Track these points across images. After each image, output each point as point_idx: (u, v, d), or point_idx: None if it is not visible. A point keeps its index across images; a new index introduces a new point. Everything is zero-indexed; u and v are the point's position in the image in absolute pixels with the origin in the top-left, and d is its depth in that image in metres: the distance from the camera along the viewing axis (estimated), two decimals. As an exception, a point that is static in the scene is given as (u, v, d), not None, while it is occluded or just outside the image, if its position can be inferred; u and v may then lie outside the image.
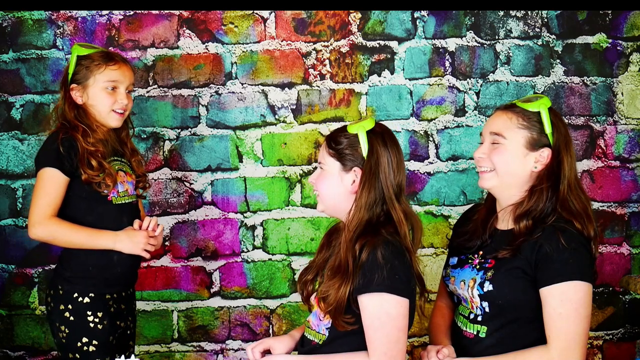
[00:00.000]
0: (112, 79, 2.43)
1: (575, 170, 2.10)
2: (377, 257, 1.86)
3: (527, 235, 2.01)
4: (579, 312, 1.96)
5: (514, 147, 2.04)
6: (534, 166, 2.04)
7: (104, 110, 2.43)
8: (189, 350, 3.15)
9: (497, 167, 2.05)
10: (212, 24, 3.09)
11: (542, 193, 2.03)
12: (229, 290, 3.15)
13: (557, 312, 1.95)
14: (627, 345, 3.17)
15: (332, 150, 2.01)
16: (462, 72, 3.13)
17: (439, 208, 3.14)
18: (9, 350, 3.11)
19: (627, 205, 3.16)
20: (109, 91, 2.43)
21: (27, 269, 3.10)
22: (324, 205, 2.05)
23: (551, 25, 3.13)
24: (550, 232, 1.99)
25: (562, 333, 1.95)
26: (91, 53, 2.45)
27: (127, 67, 2.49)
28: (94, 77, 2.42)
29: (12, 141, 3.08)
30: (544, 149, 2.04)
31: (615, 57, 3.13)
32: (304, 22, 3.11)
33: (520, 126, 2.04)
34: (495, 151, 2.06)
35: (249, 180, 3.13)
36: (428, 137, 3.14)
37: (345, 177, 1.98)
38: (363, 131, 1.98)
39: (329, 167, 2.02)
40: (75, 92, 2.44)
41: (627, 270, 3.16)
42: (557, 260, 1.96)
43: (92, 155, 2.36)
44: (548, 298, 1.96)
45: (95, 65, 2.42)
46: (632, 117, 3.14)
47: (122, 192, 2.46)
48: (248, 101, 3.11)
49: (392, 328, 1.87)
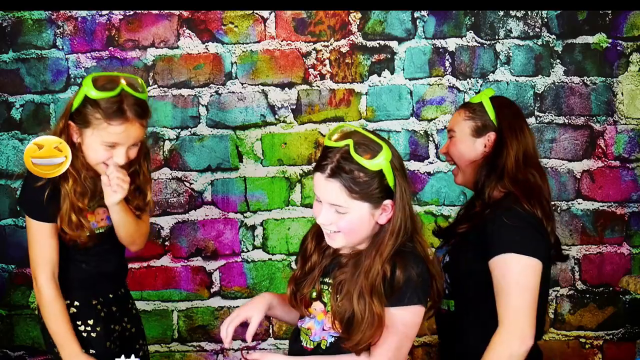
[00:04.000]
0: (112, 141, 2.12)
1: (531, 150, 2.23)
2: (411, 275, 1.86)
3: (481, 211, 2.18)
4: (520, 284, 2.02)
5: (463, 137, 2.25)
6: (484, 150, 2.24)
7: (94, 161, 2.17)
8: (189, 350, 3.15)
9: (454, 158, 2.29)
10: (212, 24, 3.09)
11: (479, 167, 2.22)
12: (229, 290, 3.15)
13: (500, 287, 2.03)
14: (628, 345, 3.17)
15: (355, 194, 1.87)
16: (462, 72, 3.13)
17: (439, 208, 3.14)
18: (9, 350, 3.11)
19: (627, 205, 3.16)
20: (107, 147, 2.13)
21: (27, 269, 3.07)
22: (349, 243, 1.93)
23: (551, 25, 3.13)
24: (496, 210, 2.12)
25: (507, 308, 2.02)
26: (100, 99, 2.09)
27: (135, 126, 2.13)
28: (92, 129, 2.11)
29: (12, 141, 3.08)
30: (490, 134, 2.23)
31: (615, 57, 3.13)
32: (304, 22, 3.11)
33: (466, 118, 2.26)
34: (451, 145, 2.29)
35: (249, 180, 3.13)
36: (428, 137, 3.14)
37: (376, 213, 1.89)
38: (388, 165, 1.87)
39: (355, 210, 1.88)
40: (73, 130, 2.16)
41: (627, 270, 3.16)
42: (497, 234, 2.07)
43: (74, 210, 2.17)
44: (493, 272, 2.06)
45: (97, 119, 2.10)
46: (632, 117, 3.14)
47: (97, 229, 2.27)
48: (248, 101, 3.11)
49: (403, 336, 1.88)
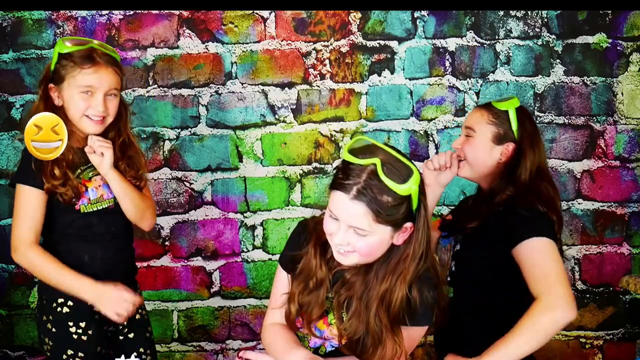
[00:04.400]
0: (87, 84, 2.19)
1: (545, 164, 2.32)
2: (427, 298, 1.83)
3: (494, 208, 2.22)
4: (551, 257, 2.08)
5: (483, 140, 2.28)
6: (500, 158, 2.27)
7: (76, 115, 2.21)
8: (189, 350, 3.15)
9: (468, 157, 2.30)
10: (212, 23, 3.09)
11: (493, 175, 2.28)
12: (229, 290, 3.15)
13: (531, 263, 2.08)
14: (628, 345, 3.16)
15: (381, 219, 1.74)
16: (462, 72, 3.13)
17: (439, 208, 3.14)
18: (9, 350, 3.11)
19: (627, 205, 3.16)
20: (84, 95, 2.19)
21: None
22: (362, 262, 1.82)
23: (551, 25, 3.13)
24: (512, 206, 2.18)
25: (546, 280, 2.04)
26: (73, 51, 2.20)
27: (108, 70, 2.21)
28: (68, 80, 2.19)
29: (12, 141, 3.08)
30: (509, 144, 2.26)
31: (615, 57, 3.13)
32: (304, 22, 3.11)
33: (490, 122, 2.27)
34: (467, 143, 2.30)
35: (249, 180, 3.13)
36: (428, 137, 3.13)
37: (395, 235, 1.79)
38: (415, 189, 1.76)
39: (377, 233, 1.76)
40: (53, 92, 2.24)
41: (627, 270, 3.16)
42: (517, 224, 2.13)
43: (56, 164, 2.19)
44: (520, 257, 2.10)
45: (71, 67, 2.19)
46: (632, 117, 3.14)
47: (95, 199, 2.27)
48: (248, 101, 3.11)
49: (410, 348, 1.91)
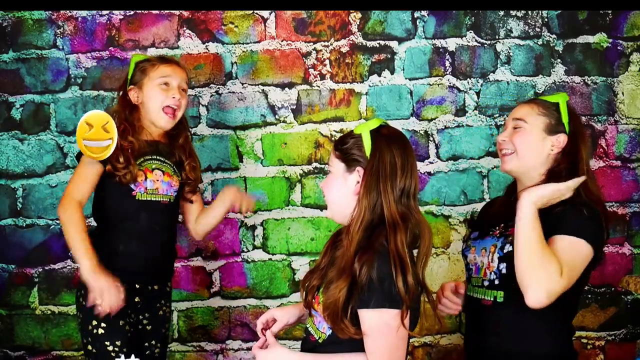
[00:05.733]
0: (164, 75, 2.53)
1: (589, 162, 2.28)
2: (372, 276, 1.83)
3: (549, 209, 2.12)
4: (577, 254, 2.06)
5: (534, 130, 2.23)
6: (551, 149, 2.23)
7: (156, 107, 2.52)
8: (189, 350, 3.14)
9: (518, 148, 2.24)
10: (212, 24, 3.09)
11: (560, 172, 2.19)
12: (229, 290, 3.14)
13: (557, 247, 2.05)
14: (629, 345, 3.15)
15: (337, 152, 1.98)
16: (462, 72, 3.12)
17: (439, 208, 3.13)
18: (9, 350, 3.11)
19: (628, 205, 3.15)
20: (162, 87, 2.53)
21: (27, 268, 3.10)
22: (332, 211, 2.02)
23: (551, 25, 3.12)
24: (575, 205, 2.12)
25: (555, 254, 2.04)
26: (148, 57, 2.63)
27: (180, 68, 2.60)
28: (148, 76, 2.54)
29: (12, 141, 3.08)
30: (560, 134, 2.22)
31: (615, 56, 3.13)
32: (304, 22, 3.11)
33: (540, 113, 2.24)
34: (517, 134, 2.25)
35: (249, 180, 3.12)
36: (428, 137, 3.13)
37: (349, 178, 1.94)
38: (367, 131, 1.95)
39: (335, 169, 1.99)
40: (133, 92, 2.56)
41: (628, 270, 3.15)
42: (573, 219, 2.09)
43: (122, 150, 2.44)
44: (557, 241, 2.06)
45: (151, 65, 2.55)
46: (633, 116, 3.14)
47: (151, 190, 2.51)
48: (248, 101, 3.11)
49: (392, 337, 1.86)
